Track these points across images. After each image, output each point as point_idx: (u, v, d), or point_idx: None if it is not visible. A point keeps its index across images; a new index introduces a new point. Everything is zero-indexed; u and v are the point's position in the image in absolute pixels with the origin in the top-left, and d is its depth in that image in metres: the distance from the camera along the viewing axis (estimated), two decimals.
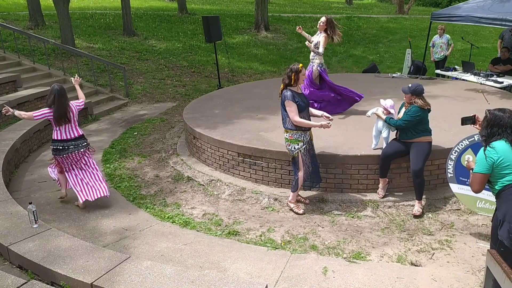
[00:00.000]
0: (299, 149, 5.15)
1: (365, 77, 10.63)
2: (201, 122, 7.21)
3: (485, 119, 3.39)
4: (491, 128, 3.31)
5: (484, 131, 3.37)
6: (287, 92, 5.06)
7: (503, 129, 3.29)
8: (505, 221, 3.23)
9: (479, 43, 16.22)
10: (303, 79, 5.15)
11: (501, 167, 3.27)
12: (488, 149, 3.26)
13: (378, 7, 33.02)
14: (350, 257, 4.48)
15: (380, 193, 5.54)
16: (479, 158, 3.32)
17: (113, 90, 11.68)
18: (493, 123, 3.31)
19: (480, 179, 3.32)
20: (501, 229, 3.24)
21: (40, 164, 7.37)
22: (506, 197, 3.30)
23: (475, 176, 3.35)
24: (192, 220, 5.39)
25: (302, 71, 5.07)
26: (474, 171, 3.35)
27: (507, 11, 8.67)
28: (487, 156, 3.25)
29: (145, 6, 22.61)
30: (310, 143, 5.28)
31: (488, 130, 3.33)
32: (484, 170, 3.29)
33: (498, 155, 3.25)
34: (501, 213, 3.27)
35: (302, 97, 5.19)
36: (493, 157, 3.25)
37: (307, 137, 5.19)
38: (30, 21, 14.81)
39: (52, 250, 4.24)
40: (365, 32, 20.23)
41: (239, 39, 18.03)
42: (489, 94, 8.25)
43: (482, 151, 3.31)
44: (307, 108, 5.20)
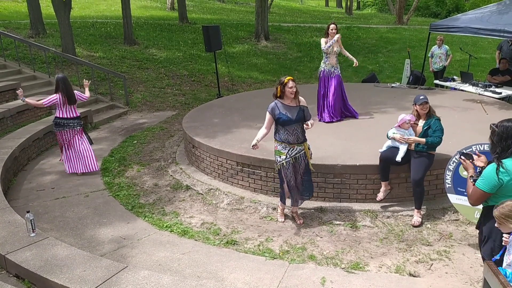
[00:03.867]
0: (281, 161, 5.07)
1: (364, 87, 10.67)
2: (200, 131, 7.23)
3: (495, 134, 3.17)
4: (506, 141, 3.09)
5: (497, 147, 3.15)
6: (272, 103, 5.04)
7: None
8: (490, 238, 3.20)
9: (477, 54, 16.30)
10: (290, 92, 4.90)
11: (507, 189, 3.12)
12: (501, 170, 3.06)
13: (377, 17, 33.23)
14: (349, 268, 4.46)
15: (379, 196, 5.44)
16: (488, 176, 3.13)
17: (113, 98, 11.71)
18: (506, 135, 3.09)
19: (482, 196, 3.18)
20: (485, 245, 3.23)
21: (39, 173, 7.37)
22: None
23: (477, 192, 3.19)
24: (190, 229, 5.38)
25: (288, 84, 4.89)
26: (479, 187, 3.18)
27: (505, 23, 8.74)
28: (499, 177, 3.06)
29: (146, 15, 22.76)
30: (299, 159, 5.07)
31: (503, 144, 3.11)
32: (489, 189, 3.13)
33: (509, 177, 3.07)
34: (487, 230, 3.22)
35: (292, 110, 4.96)
36: (504, 179, 3.07)
37: (292, 151, 5.02)
38: (31, 29, 14.88)
39: (49, 259, 4.23)
40: (364, 42, 20.33)
41: (239, 48, 18.12)
42: (488, 104, 8.28)
43: (493, 169, 3.10)
44: (294, 123, 4.94)
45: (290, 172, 5.08)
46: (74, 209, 5.97)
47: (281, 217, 5.49)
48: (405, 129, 5.24)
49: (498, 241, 3.18)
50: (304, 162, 5.13)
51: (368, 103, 8.60)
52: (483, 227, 3.31)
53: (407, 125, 5.22)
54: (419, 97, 5.17)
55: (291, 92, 4.92)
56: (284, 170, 5.08)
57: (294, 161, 5.08)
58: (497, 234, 3.17)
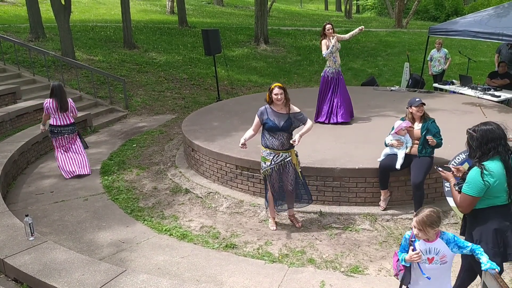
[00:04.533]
0: (266, 168, 5.03)
1: (364, 90, 10.68)
2: (200, 135, 7.23)
3: (474, 139, 3.17)
4: (486, 144, 3.10)
5: (476, 152, 3.16)
6: (263, 106, 5.02)
7: (497, 142, 3.11)
8: (482, 242, 3.19)
9: (476, 57, 16.33)
10: (274, 98, 4.84)
11: (493, 191, 3.13)
12: (485, 173, 3.06)
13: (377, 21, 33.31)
14: (348, 271, 4.46)
15: (382, 205, 5.53)
16: (473, 180, 3.11)
17: (113, 102, 11.72)
18: (486, 139, 3.10)
19: (472, 202, 3.16)
20: None
21: (38, 176, 7.37)
22: (484, 218, 3.22)
23: (466, 198, 3.17)
24: (189, 232, 5.37)
25: (273, 91, 4.83)
26: (466, 193, 3.15)
27: (504, 26, 8.76)
28: (484, 180, 3.06)
29: (146, 19, 22.80)
30: (286, 165, 5.00)
31: (483, 148, 3.12)
32: (478, 193, 3.12)
33: (494, 179, 3.08)
34: (478, 233, 3.22)
35: (280, 118, 4.89)
36: (489, 181, 3.07)
37: (277, 158, 4.97)
38: (31, 33, 14.91)
39: (48, 263, 4.22)
40: (364, 46, 20.38)
41: (239, 52, 18.16)
42: (487, 108, 8.29)
43: (477, 173, 3.09)
44: (280, 131, 4.88)
45: (274, 179, 5.03)
46: (73, 213, 5.96)
47: (272, 225, 5.42)
48: (401, 136, 5.28)
49: (490, 244, 3.18)
50: (292, 168, 5.04)
51: (367, 107, 8.61)
52: (472, 232, 3.29)
53: (404, 132, 5.26)
54: (415, 99, 5.20)
55: (276, 99, 4.85)
56: (270, 177, 5.04)
57: (281, 168, 5.01)
58: (488, 236, 3.18)
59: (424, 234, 2.93)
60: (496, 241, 3.17)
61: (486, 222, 3.20)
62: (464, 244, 2.97)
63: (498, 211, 3.19)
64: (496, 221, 3.19)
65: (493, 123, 3.19)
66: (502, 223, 3.20)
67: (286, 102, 4.93)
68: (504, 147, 3.12)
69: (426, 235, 2.93)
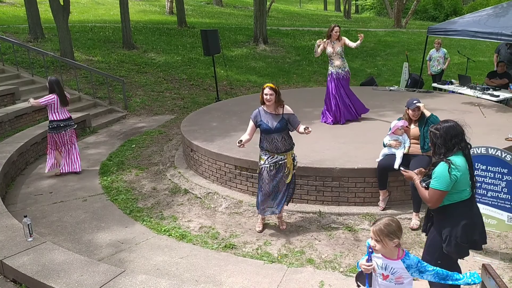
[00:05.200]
0: (261, 166, 5.03)
1: (363, 90, 10.67)
2: (199, 135, 7.23)
3: (437, 137, 3.25)
4: (450, 140, 3.20)
5: (442, 148, 3.24)
6: (256, 109, 5.00)
7: (459, 138, 3.22)
8: (451, 237, 3.24)
9: (475, 57, 16.34)
10: (265, 99, 4.82)
11: (459, 185, 3.21)
12: (452, 167, 3.14)
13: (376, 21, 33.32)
14: (347, 271, 4.46)
15: (381, 205, 5.53)
16: (441, 175, 3.17)
17: (112, 102, 11.72)
18: (450, 135, 3.20)
19: (440, 196, 3.20)
20: (447, 244, 3.27)
21: (37, 177, 7.36)
22: (452, 213, 3.28)
23: (435, 193, 3.21)
24: (188, 233, 5.37)
25: (264, 91, 4.82)
26: (435, 188, 3.20)
27: (502, 26, 8.77)
28: (451, 174, 3.13)
29: (145, 20, 22.79)
30: (280, 167, 4.99)
31: (448, 144, 3.21)
32: (446, 187, 3.17)
33: (460, 172, 3.16)
34: (447, 230, 3.26)
35: (273, 119, 4.87)
36: (457, 175, 3.15)
37: (272, 159, 4.95)
38: (30, 34, 14.91)
39: (46, 264, 4.21)
40: (363, 46, 20.30)
41: (238, 52, 18.15)
42: (485, 107, 8.29)
43: (445, 168, 3.16)
44: (273, 133, 4.85)
45: (265, 178, 5.01)
46: (72, 214, 5.96)
47: (258, 227, 5.37)
48: (398, 135, 5.29)
49: (459, 238, 3.24)
50: (286, 171, 5.01)
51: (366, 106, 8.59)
52: (441, 229, 3.32)
53: (400, 131, 5.28)
54: (412, 101, 5.20)
55: (266, 99, 4.82)
56: (263, 176, 5.04)
57: (275, 168, 4.99)
58: (457, 231, 3.24)
59: (382, 247, 2.74)
60: (465, 236, 3.25)
61: (454, 217, 3.28)
62: (426, 269, 2.81)
63: (464, 205, 3.28)
64: (464, 216, 3.28)
65: (452, 120, 3.30)
66: (469, 217, 3.29)
67: (278, 104, 4.88)
68: (465, 142, 3.25)
69: (384, 247, 2.74)
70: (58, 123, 7.10)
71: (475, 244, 3.35)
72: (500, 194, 4.49)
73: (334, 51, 7.26)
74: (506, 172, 4.41)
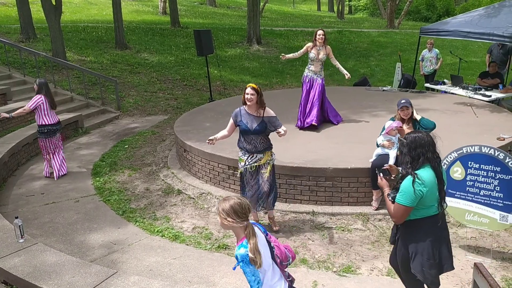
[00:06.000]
0: (241, 168, 5.03)
1: (356, 90, 10.71)
2: (192, 135, 7.21)
3: (404, 145, 3.21)
4: (414, 150, 3.14)
5: (407, 157, 3.19)
6: (237, 108, 4.98)
7: (426, 149, 3.14)
8: (418, 254, 3.18)
9: (467, 57, 16.45)
10: (246, 99, 4.77)
11: (426, 200, 3.12)
12: (417, 182, 3.05)
13: (369, 21, 33.44)
14: (340, 271, 4.46)
15: (374, 205, 5.54)
16: (406, 190, 3.09)
17: (105, 103, 11.65)
18: (415, 145, 3.14)
19: (405, 212, 3.12)
20: (414, 262, 3.20)
21: (29, 178, 7.30)
22: (418, 229, 3.21)
23: (400, 208, 3.13)
24: (181, 234, 5.35)
25: (245, 90, 4.76)
26: (400, 203, 3.12)
27: (494, 26, 8.83)
28: (415, 189, 3.05)
29: (138, 20, 22.71)
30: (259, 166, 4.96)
31: (412, 153, 3.15)
32: (411, 203, 3.09)
33: (426, 188, 3.07)
34: (413, 246, 3.20)
35: (253, 121, 4.83)
36: (422, 190, 3.06)
37: (251, 159, 4.93)
38: (22, 34, 14.80)
39: (38, 266, 4.18)
40: (356, 46, 20.45)
41: (231, 52, 18.14)
42: (478, 107, 8.34)
43: (409, 182, 3.08)
44: (252, 134, 4.82)
45: (248, 179, 5.00)
46: (64, 215, 5.91)
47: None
48: (392, 136, 5.31)
49: (426, 256, 3.17)
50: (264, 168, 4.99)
51: (359, 107, 8.63)
52: (407, 244, 3.26)
53: (394, 132, 5.30)
54: (400, 101, 5.25)
55: (247, 99, 4.78)
56: (245, 177, 5.02)
57: (255, 169, 4.98)
58: (423, 248, 3.17)
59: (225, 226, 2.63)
60: (432, 253, 3.18)
61: (421, 233, 3.20)
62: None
63: (431, 221, 3.19)
64: (431, 232, 3.20)
65: (423, 132, 3.25)
66: (437, 234, 3.21)
67: (260, 105, 4.84)
68: (432, 153, 3.16)
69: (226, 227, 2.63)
70: (49, 128, 6.97)
71: (441, 263, 3.23)
72: (493, 192, 4.51)
73: (317, 57, 7.07)
74: (499, 170, 4.43)
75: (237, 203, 2.60)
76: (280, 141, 5.28)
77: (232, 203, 2.59)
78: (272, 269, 2.71)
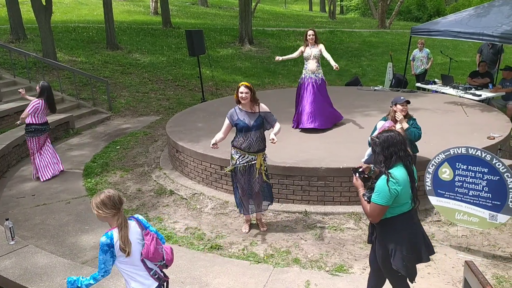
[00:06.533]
0: (230, 167, 5.03)
1: (348, 90, 10.75)
2: (184, 136, 7.19)
3: (377, 145, 3.25)
4: (387, 149, 3.19)
5: (380, 156, 3.23)
6: (232, 108, 4.99)
7: (398, 147, 3.19)
8: (397, 251, 3.23)
9: (458, 57, 16.57)
10: (240, 97, 4.83)
11: (401, 198, 3.18)
12: (391, 181, 3.11)
13: (360, 21, 33.57)
14: (333, 270, 4.47)
15: None
16: (381, 189, 3.13)
17: (96, 103, 11.58)
18: (387, 144, 3.19)
19: (381, 211, 3.18)
20: (395, 259, 3.25)
21: (19, 180, 7.24)
22: (395, 227, 3.26)
23: (376, 207, 3.18)
24: (174, 234, 5.33)
25: (239, 89, 4.82)
26: (376, 202, 3.16)
27: (484, 26, 8.90)
28: (390, 188, 3.09)
29: (129, 20, 22.60)
30: (250, 167, 4.98)
31: (385, 152, 3.20)
32: (386, 202, 3.14)
33: (400, 186, 3.12)
34: (392, 244, 3.26)
35: (250, 117, 4.89)
36: (397, 189, 3.11)
37: (242, 159, 4.95)
38: (11, 34, 14.67)
39: (29, 268, 4.14)
40: (348, 46, 20.52)
41: (223, 52, 18.12)
42: (468, 106, 8.41)
43: (384, 182, 3.13)
44: (252, 130, 4.86)
45: (239, 179, 5.01)
46: (55, 216, 5.87)
47: (245, 228, 5.37)
48: None
49: (405, 251, 3.23)
50: (257, 172, 5.01)
51: (351, 106, 8.66)
52: (385, 243, 3.31)
53: None
54: (399, 97, 5.25)
55: (241, 97, 4.84)
56: (236, 176, 5.02)
57: (247, 169, 4.99)
58: (402, 244, 3.23)
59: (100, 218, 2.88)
60: (411, 247, 3.25)
61: (397, 230, 3.26)
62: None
63: (407, 217, 3.26)
64: (407, 227, 3.27)
65: (394, 130, 3.33)
66: (412, 228, 3.29)
67: (254, 102, 4.90)
68: (404, 152, 3.23)
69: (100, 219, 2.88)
70: (36, 127, 7.04)
71: (420, 255, 3.31)
72: (481, 192, 4.55)
73: (311, 54, 7.11)
74: (487, 171, 4.47)
75: (106, 196, 2.84)
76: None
77: (102, 197, 2.83)
78: (138, 264, 2.92)
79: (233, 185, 5.18)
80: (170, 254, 3.10)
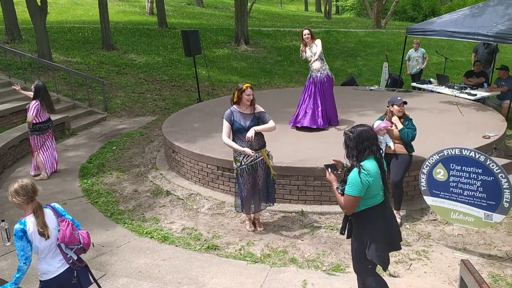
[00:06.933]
0: (237, 168, 5.03)
1: (344, 90, 10.77)
2: (180, 136, 7.18)
3: (350, 140, 3.32)
4: (362, 143, 3.27)
5: (353, 151, 3.31)
6: (228, 109, 4.99)
7: (371, 142, 3.28)
8: (372, 241, 3.32)
9: (453, 57, 16.63)
10: (246, 99, 4.85)
11: (372, 189, 3.26)
12: (363, 172, 3.20)
13: (356, 21, 33.64)
14: (330, 270, 4.49)
15: None
16: (354, 181, 3.22)
17: (92, 104, 11.55)
18: (362, 138, 3.27)
19: (354, 202, 3.26)
20: (369, 250, 3.34)
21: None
22: (369, 218, 3.35)
23: (349, 199, 3.26)
24: (171, 235, 5.33)
25: (246, 91, 4.83)
26: (349, 194, 3.25)
27: (479, 25, 8.94)
28: (362, 179, 3.19)
29: (125, 20, 22.54)
30: (256, 166, 5.00)
31: (359, 146, 3.28)
32: (359, 193, 3.22)
33: (372, 178, 3.21)
34: (369, 236, 3.34)
35: (246, 118, 4.92)
36: (369, 180, 3.20)
37: (247, 159, 4.95)
38: (6, 35, 14.60)
39: None
40: (343, 46, 20.55)
41: (219, 52, 18.11)
42: (463, 106, 8.45)
43: (356, 174, 3.22)
44: (247, 131, 4.84)
45: (246, 180, 5.01)
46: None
47: (249, 227, 5.38)
48: (380, 136, 5.34)
49: (380, 242, 3.32)
50: (262, 169, 5.03)
51: (347, 106, 8.68)
52: (361, 236, 3.39)
53: (383, 132, 5.32)
54: (396, 98, 5.28)
55: (247, 100, 4.85)
56: (242, 177, 5.02)
57: (252, 169, 5.00)
58: (378, 235, 3.32)
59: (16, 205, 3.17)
60: (385, 238, 3.35)
61: (371, 222, 3.35)
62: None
63: (379, 208, 3.36)
64: (381, 219, 3.37)
65: (366, 125, 3.39)
66: (386, 219, 3.40)
67: (251, 102, 4.93)
68: (376, 146, 3.33)
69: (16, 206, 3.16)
70: (40, 126, 7.11)
71: (394, 243, 3.43)
72: (476, 193, 4.57)
73: (311, 53, 7.11)
74: (481, 172, 4.49)
75: (20, 185, 3.14)
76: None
77: (16, 186, 3.14)
78: (54, 250, 3.19)
79: (238, 187, 5.13)
80: (87, 238, 3.36)
